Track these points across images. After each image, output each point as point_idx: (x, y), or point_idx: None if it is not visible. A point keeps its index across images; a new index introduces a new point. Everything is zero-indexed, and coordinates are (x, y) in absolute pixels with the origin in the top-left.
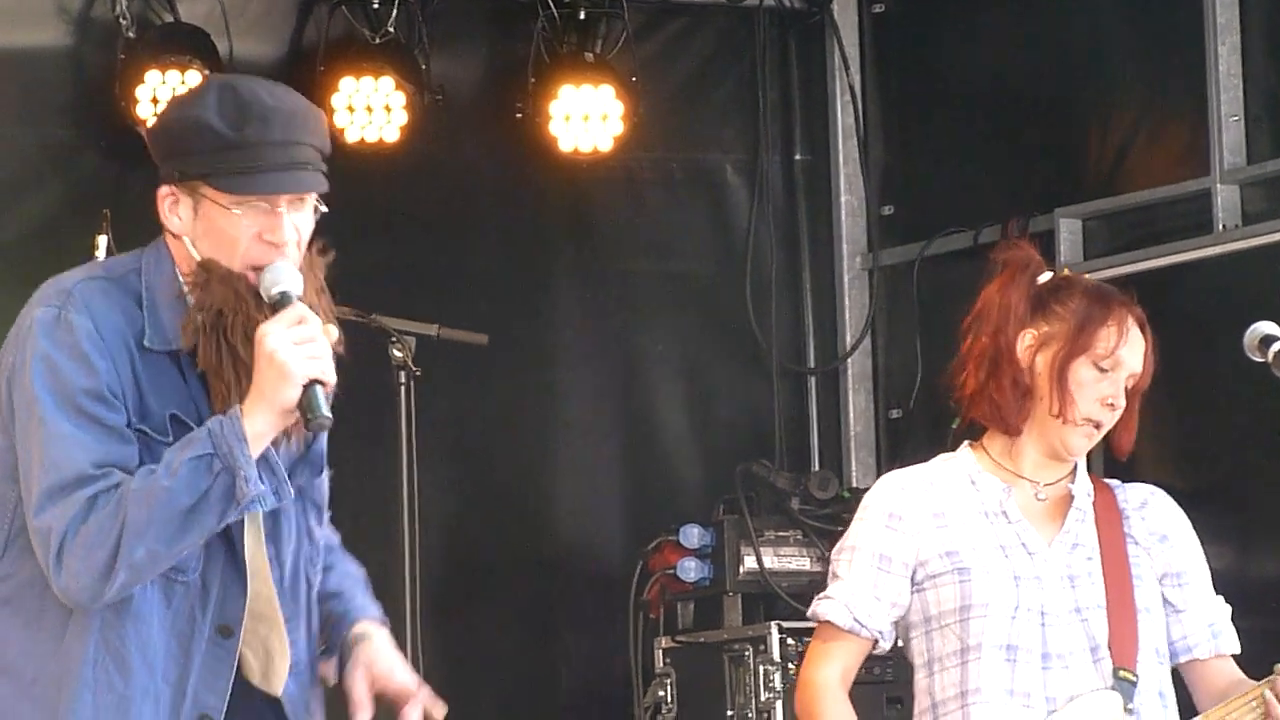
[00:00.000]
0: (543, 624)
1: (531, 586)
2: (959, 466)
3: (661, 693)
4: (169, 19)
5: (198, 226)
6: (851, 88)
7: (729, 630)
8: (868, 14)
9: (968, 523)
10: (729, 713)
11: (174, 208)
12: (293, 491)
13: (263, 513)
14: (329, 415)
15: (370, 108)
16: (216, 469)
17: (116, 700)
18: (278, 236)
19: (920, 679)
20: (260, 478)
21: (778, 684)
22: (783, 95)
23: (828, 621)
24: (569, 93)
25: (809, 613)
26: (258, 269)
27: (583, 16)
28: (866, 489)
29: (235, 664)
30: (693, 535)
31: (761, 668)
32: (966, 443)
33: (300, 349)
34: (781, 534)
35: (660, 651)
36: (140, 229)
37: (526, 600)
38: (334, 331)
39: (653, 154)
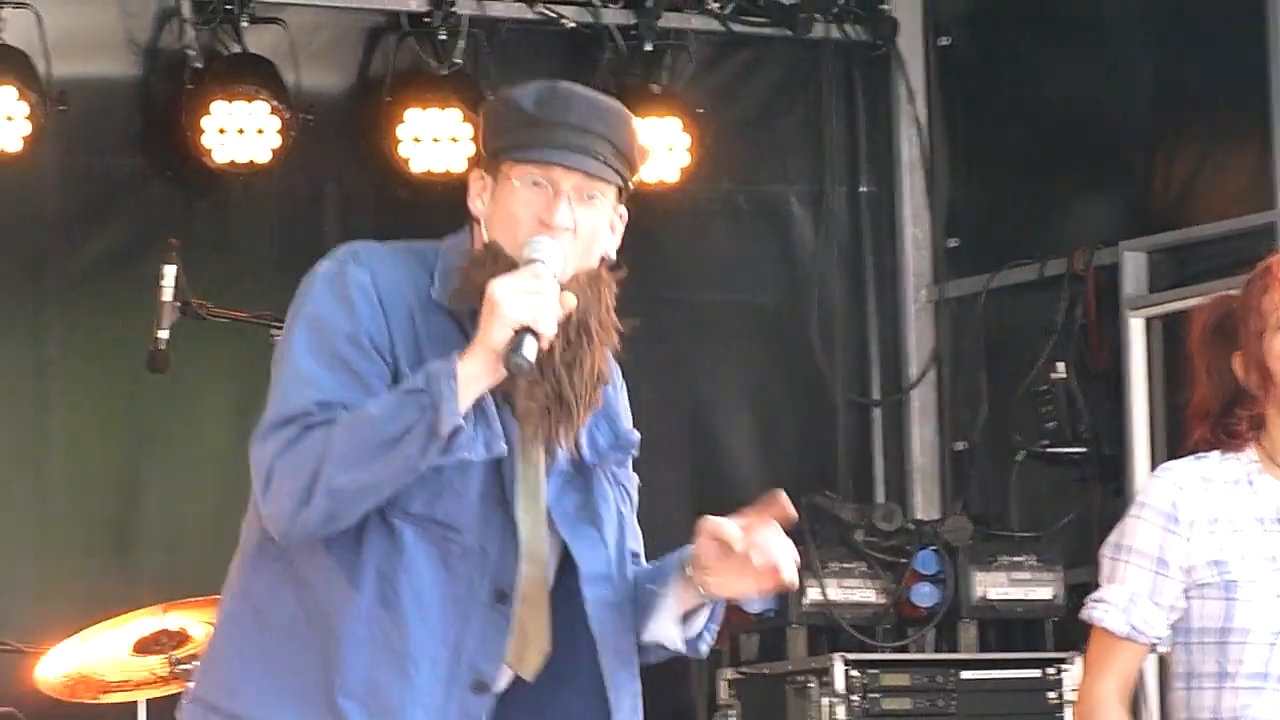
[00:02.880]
0: None
1: None
2: (1238, 465)
3: None
4: (236, 49)
5: (491, 207)
6: (917, 120)
7: (793, 661)
8: (933, 47)
9: (1240, 529)
10: None
11: (480, 191)
12: (504, 447)
13: (545, 502)
14: (529, 360)
15: (437, 139)
16: (424, 404)
17: (393, 657)
18: (552, 218)
19: (1178, 691)
20: (474, 425)
21: (841, 715)
22: (848, 127)
23: (1104, 629)
24: (636, 125)
25: (1083, 615)
26: None
27: (649, 48)
28: (930, 521)
29: (509, 630)
30: None
31: (825, 699)
32: (1251, 438)
33: (522, 295)
34: (846, 565)
35: (724, 683)
36: (207, 258)
37: None
38: (570, 299)
39: (719, 185)
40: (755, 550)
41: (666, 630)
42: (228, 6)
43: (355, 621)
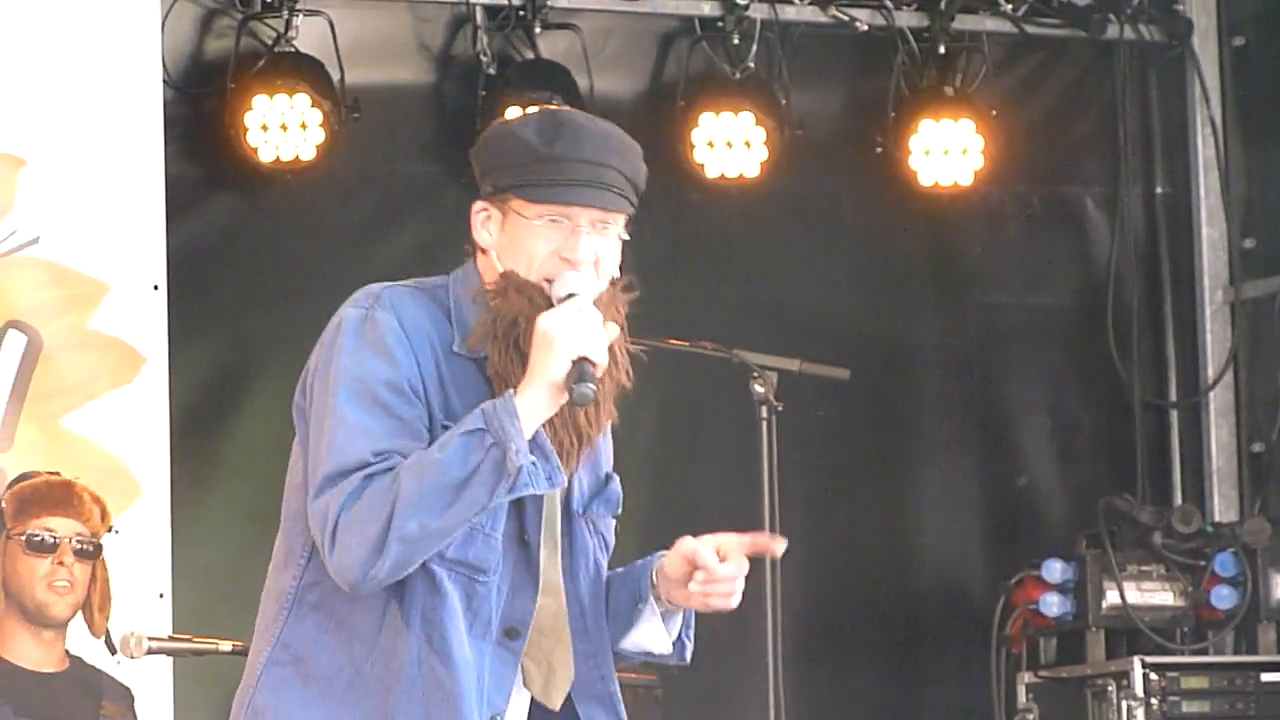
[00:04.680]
0: (904, 659)
1: (893, 621)
2: None
3: None
4: (529, 55)
5: (503, 240)
6: (1212, 120)
7: (1092, 665)
8: (1228, 47)
9: None
10: None
11: (485, 223)
12: (564, 479)
13: (560, 532)
14: (593, 388)
15: (730, 143)
16: (488, 443)
17: (445, 698)
18: (575, 255)
19: None
20: (535, 461)
21: (1140, 719)
22: (1143, 128)
23: None
24: (929, 127)
25: None
26: (551, 281)
27: (942, 51)
28: (1228, 523)
29: (519, 667)
30: (1055, 570)
31: (1125, 703)
32: None
33: (574, 328)
34: (1144, 568)
35: (1023, 687)
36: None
37: (888, 635)
38: (614, 329)
39: (1012, 188)
40: (709, 585)
41: (647, 639)
42: (521, 12)
43: (409, 666)
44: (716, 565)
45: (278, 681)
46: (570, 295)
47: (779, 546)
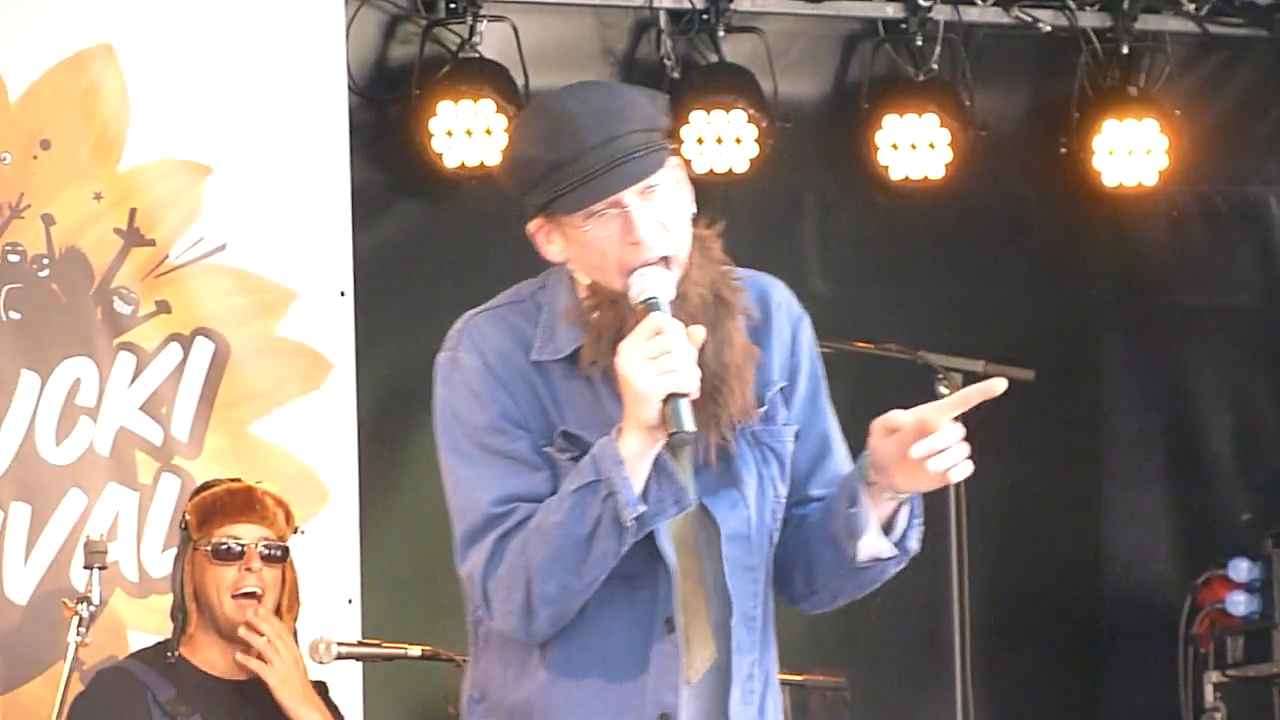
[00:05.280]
0: (1091, 659)
1: (1080, 621)
2: None
3: None
4: (713, 59)
5: (571, 250)
6: None
7: (1279, 664)
8: None
9: None
10: None
11: (548, 239)
12: (692, 498)
13: (714, 456)
14: (691, 430)
15: (914, 145)
16: (603, 494)
17: (580, 716)
18: (635, 235)
19: None
20: (659, 487)
21: None
22: None
23: None
24: (1113, 127)
25: None
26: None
27: (1126, 51)
28: None
29: (682, 656)
30: (1242, 569)
31: None
32: None
33: (653, 364)
34: None
35: (1210, 686)
36: None
37: (1075, 634)
38: (698, 334)
39: (1197, 187)
40: (920, 449)
41: (875, 544)
42: (705, 16)
43: (544, 686)
44: (932, 415)
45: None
46: (649, 300)
47: (998, 385)
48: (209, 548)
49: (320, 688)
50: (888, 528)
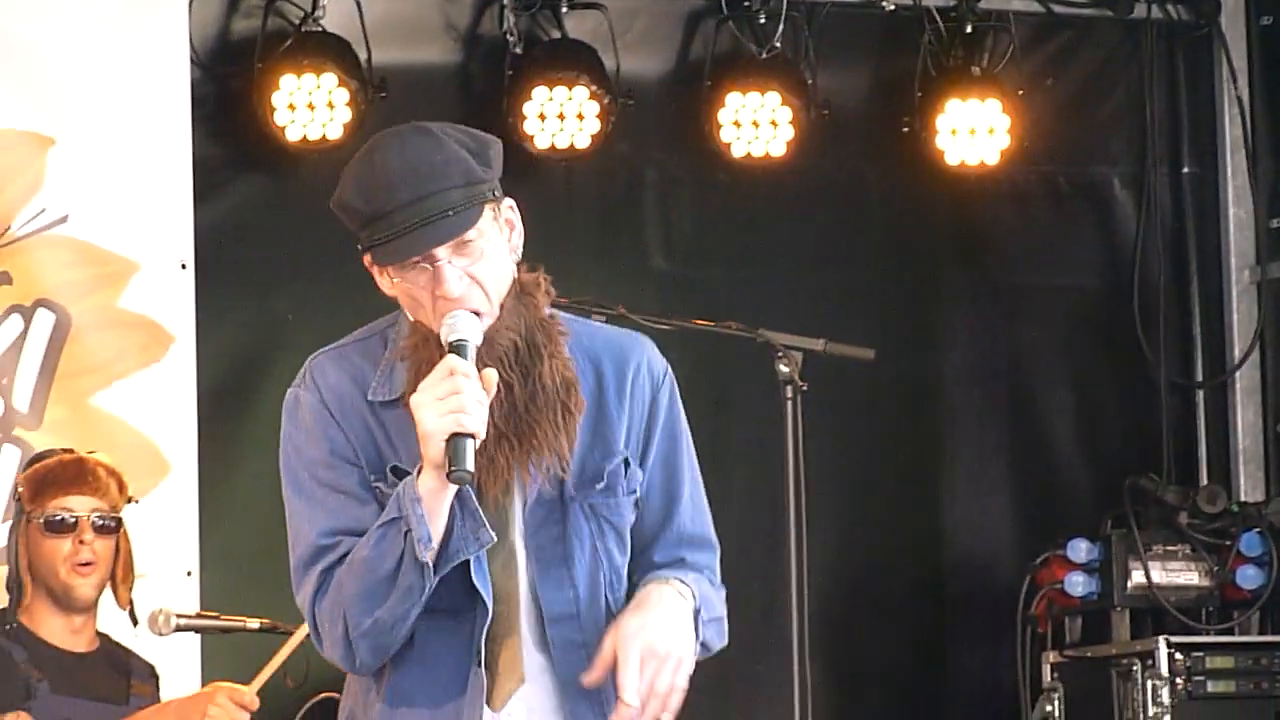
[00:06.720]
0: (930, 639)
1: (919, 601)
2: None
3: (1049, 707)
4: (556, 35)
5: (395, 291)
6: (1239, 100)
7: (1117, 645)
8: (1255, 26)
9: None
10: None
11: (378, 274)
12: (492, 535)
13: (533, 530)
14: (468, 470)
15: (756, 123)
16: (404, 530)
17: None
18: (444, 290)
19: None
20: (463, 524)
21: (1166, 699)
22: (1170, 108)
23: None
24: (956, 106)
25: None
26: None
27: (969, 30)
28: (1254, 503)
29: (485, 686)
30: (1080, 549)
31: (1150, 683)
32: None
33: (440, 404)
34: (1170, 548)
35: (1048, 666)
36: (528, 244)
37: (914, 615)
38: (491, 377)
39: (1039, 167)
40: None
41: None
42: None
43: (380, 716)
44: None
45: None
46: (456, 341)
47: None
48: (42, 520)
49: None
50: None
